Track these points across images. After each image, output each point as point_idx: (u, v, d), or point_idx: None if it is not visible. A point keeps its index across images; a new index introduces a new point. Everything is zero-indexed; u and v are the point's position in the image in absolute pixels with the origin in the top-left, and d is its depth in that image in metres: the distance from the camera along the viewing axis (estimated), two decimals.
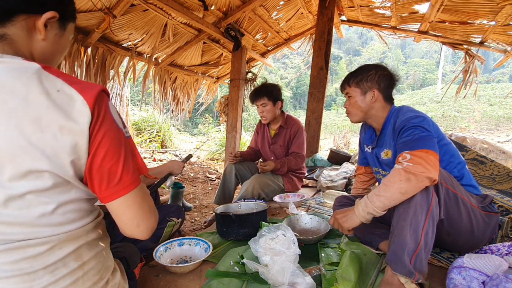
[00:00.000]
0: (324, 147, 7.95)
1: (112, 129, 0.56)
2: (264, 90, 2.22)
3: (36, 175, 0.50)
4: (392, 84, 1.33)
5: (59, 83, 0.51)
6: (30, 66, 0.51)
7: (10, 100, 0.47)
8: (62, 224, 0.56)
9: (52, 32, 0.60)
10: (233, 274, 1.12)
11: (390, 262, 0.99)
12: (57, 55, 0.65)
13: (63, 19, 0.61)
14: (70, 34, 0.67)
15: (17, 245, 0.51)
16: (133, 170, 0.59)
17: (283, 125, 2.32)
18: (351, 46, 42.49)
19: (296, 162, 2.29)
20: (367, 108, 1.34)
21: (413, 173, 0.97)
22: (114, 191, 0.57)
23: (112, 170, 0.56)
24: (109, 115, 0.56)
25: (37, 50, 0.59)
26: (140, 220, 0.61)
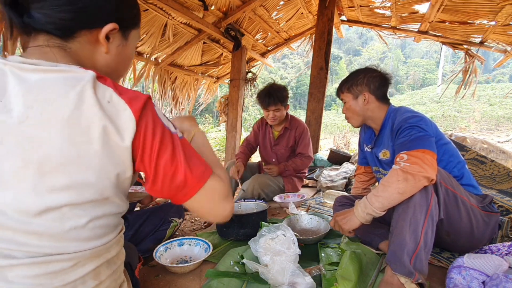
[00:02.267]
0: (324, 147, 7.95)
1: (165, 137, 0.54)
2: (280, 95, 2.15)
3: (79, 187, 0.48)
4: (384, 84, 1.34)
5: (109, 93, 0.50)
6: (85, 75, 0.50)
7: (63, 109, 0.46)
8: (90, 240, 0.53)
9: (114, 43, 0.59)
10: (233, 274, 1.12)
11: (390, 262, 0.99)
12: (121, 66, 0.64)
13: (125, 28, 0.60)
14: (134, 42, 0.65)
15: (42, 259, 0.49)
16: (196, 167, 0.57)
17: (288, 126, 2.30)
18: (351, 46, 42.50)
19: (303, 162, 2.29)
20: (362, 111, 1.36)
21: (410, 173, 0.98)
22: (185, 193, 0.57)
23: (175, 177, 0.55)
24: (159, 122, 0.54)
25: (100, 63, 0.59)
26: (218, 209, 0.61)
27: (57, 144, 0.46)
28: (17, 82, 0.47)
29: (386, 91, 1.36)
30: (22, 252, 0.48)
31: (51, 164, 0.46)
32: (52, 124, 0.46)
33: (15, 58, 0.50)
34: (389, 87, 1.37)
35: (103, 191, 0.51)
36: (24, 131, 0.45)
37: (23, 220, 0.47)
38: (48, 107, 0.46)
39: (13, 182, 0.45)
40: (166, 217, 1.45)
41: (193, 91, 4.95)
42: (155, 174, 0.54)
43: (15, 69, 0.49)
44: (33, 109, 0.46)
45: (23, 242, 0.48)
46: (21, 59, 0.50)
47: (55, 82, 0.48)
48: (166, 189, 0.55)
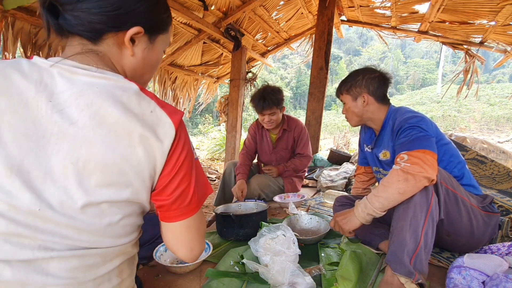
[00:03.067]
0: (324, 147, 7.95)
1: (190, 153, 0.58)
2: (274, 99, 2.08)
3: (119, 187, 0.51)
4: (383, 85, 1.33)
5: (153, 105, 0.54)
6: (131, 86, 0.54)
7: (112, 115, 0.50)
8: (120, 236, 0.56)
9: (140, 47, 0.60)
10: (233, 274, 1.12)
11: (390, 262, 0.99)
12: (148, 69, 0.65)
13: (151, 32, 0.61)
14: (162, 46, 0.66)
15: (79, 252, 0.51)
16: (200, 192, 0.61)
17: (286, 128, 2.27)
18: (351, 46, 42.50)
19: (302, 162, 2.27)
20: (361, 112, 1.36)
21: (410, 173, 0.98)
22: (182, 213, 0.59)
23: (185, 192, 0.58)
24: (188, 139, 0.59)
25: (128, 66, 0.61)
26: (195, 244, 0.63)
27: (103, 146, 0.49)
28: (67, 84, 0.50)
29: (386, 92, 1.36)
30: (63, 244, 0.50)
31: (96, 163, 0.49)
32: (101, 128, 0.49)
33: (63, 61, 0.53)
34: (389, 87, 1.36)
35: (138, 192, 0.54)
36: (75, 132, 0.48)
37: (67, 214, 0.49)
38: (98, 112, 0.49)
39: (61, 178, 0.48)
40: None
41: (193, 91, 4.95)
42: (169, 182, 0.56)
43: (65, 72, 0.51)
44: (84, 112, 0.49)
45: (65, 235, 0.49)
46: (71, 63, 0.53)
47: (104, 89, 0.51)
48: (170, 201, 0.57)
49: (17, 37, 2.50)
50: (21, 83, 0.48)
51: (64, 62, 0.52)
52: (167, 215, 0.59)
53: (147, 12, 0.58)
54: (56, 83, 0.50)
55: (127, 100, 0.51)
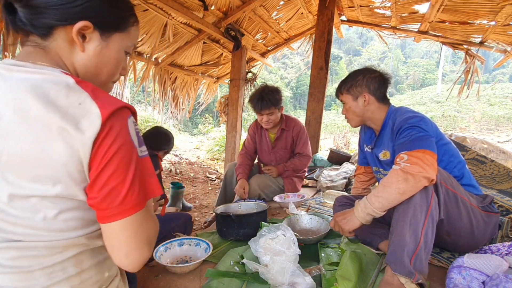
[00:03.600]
0: (324, 147, 7.95)
1: (126, 147, 0.53)
2: (272, 99, 2.09)
3: (46, 181, 0.51)
4: (383, 84, 1.34)
5: (83, 97, 0.52)
6: (65, 79, 0.53)
7: (34, 108, 0.49)
8: (63, 231, 0.54)
9: (92, 43, 0.59)
10: (233, 274, 1.12)
11: (390, 262, 0.99)
12: (102, 69, 0.63)
13: (103, 29, 0.60)
14: (121, 46, 0.64)
15: (17, 244, 0.52)
16: (139, 192, 0.55)
17: (285, 128, 2.27)
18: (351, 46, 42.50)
19: (301, 162, 2.27)
20: (361, 112, 1.36)
21: (410, 173, 0.98)
22: (114, 213, 0.53)
23: (117, 189, 0.53)
24: (126, 132, 0.54)
25: (79, 63, 0.60)
26: (130, 250, 0.56)
27: (26, 140, 0.49)
28: (2, 81, 0.52)
29: (386, 91, 1.36)
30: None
31: (20, 157, 0.49)
32: (24, 122, 0.49)
33: (9, 61, 0.54)
34: (389, 87, 1.37)
35: (68, 187, 0.52)
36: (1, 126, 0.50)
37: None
38: (22, 106, 0.50)
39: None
40: (169, 231, 1.42)
41: (193, 91, 4.95)
42: (96, 178, 0.52)
43: (4, 70, 0.53)
44: (9, 107, 0.50)
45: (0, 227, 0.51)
46: (13, 62, 0.54)
47: (33, 83, 0.51)
48: (99, 199, 0.53)
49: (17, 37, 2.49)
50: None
51: (4, 61, 0.54)
52: (99, 215, 0.54)
53: (97, 7, 0.57)
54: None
55: (54, 93, 0.50)
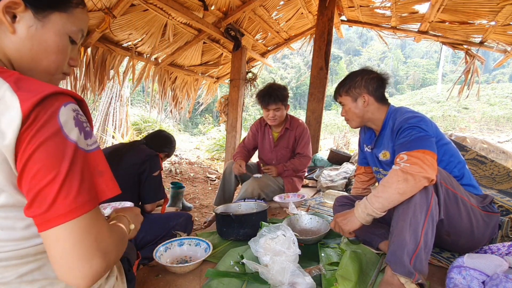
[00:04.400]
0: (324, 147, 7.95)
1: (53, 139, 0.44)
2: (280, 95, 2.13)
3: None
4: (382, 85, 1.34)
5: (4, 89, 0.44)
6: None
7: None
8: (28, 238, 0.49)
9: (24, 24, 0.52)
10: (233, 274, 1.12)
11: (390, 263, 0.99)
12: (41, 55, 0.55)
13: (36, 7, 0.52)
14: (62, 28, 0.55)
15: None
16: (79, 193, 0.46)
17: (288, 127, 2.29)
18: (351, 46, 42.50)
19: (301, 162, 2.28)
20: (361, 113, 1.36)
21: (410, 174, 0.98)
22: (45, 219, 0.44)
23: (45, 191, 0.44)
24: (54, 122, 0.45)
25: (10, 47, 0.52)
26: (73, 262, 0.45)
27: None
28: None
29: (384, 92, 1.36)
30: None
31: None
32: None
33: None
34: (389, 87, 1.37)
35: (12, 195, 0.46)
36: None
37: None
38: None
39: None
40: (170, 229, 1.42)
41: (193, 91, 4.95)
42: (20, 176, 0.45)
43: None
44: None
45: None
46: None
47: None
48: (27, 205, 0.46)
49: None
50: None
51: None
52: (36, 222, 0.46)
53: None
54: None
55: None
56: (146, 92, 4.26)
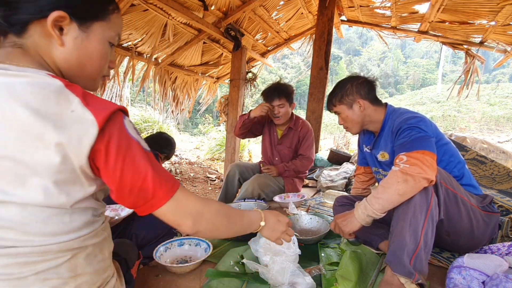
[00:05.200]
0: (324, 147, 7.96)
1: (133, 149, 0.54)
2: (284, 91, 2.14)
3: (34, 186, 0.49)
4: (372, 87, 1.35)
5: (75, 103, 0.50)
6: (52, 82, 0.50)
7: (22, 116, 0.47)
8: (56, 234, 0.53)
9: (70, 35, 0.56)
10: (233, 274, 1.12)
11: (390, 263, 0.99)
12: (88, 61, 0.60)
13: (80, 19, 0.57)
14: (104, 36, 0.61)
15: (7, 251, 0.50)
16: (166, 182, 0.58)
17: (292, 127, 2.28)
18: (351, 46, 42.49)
19: (303, 164, 2.27)
20: (360, 118, 1.36)
21: (410, 174, 0.98)
22: (150, 206, 0.57)
23: (143, 188, 0.55)
24: (125, 134, 0.54)
25: (59, 58, 0.57)
26: (178, 222, 0.62)
27: (10, 145, 0.47)
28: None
29: (376, 94, 1.37)
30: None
31: (6, 163, 0.47)
32: (9, 130, 0.47)
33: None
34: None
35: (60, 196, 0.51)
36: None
37: None
38: (7, 113, 0.47)
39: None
40: (171, 228, 1.42)
41: (193, 91, 4.95)
42: (120, 184, 0.54)
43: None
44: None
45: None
46: None
47: (18, 88, 0.48)
48: (132, 200, 0.56)
49: None
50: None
51: None
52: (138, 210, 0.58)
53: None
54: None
55: (42, 99, 0.48)
56: (147, 93, 4.26)
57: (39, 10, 0.53)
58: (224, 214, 0.70)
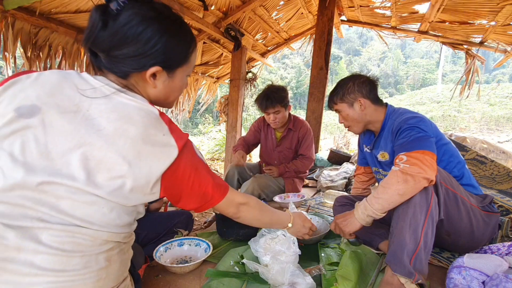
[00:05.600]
0: (324, 147, 7.95)
1: (199, 165, 0.72)
2: (277, 97, 2.07)
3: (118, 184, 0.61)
4: (373, 87, 1.35)
5: (165, 129, 0.66)
6: (153, 110, 0.66)
7: (131, 130, 0.61)
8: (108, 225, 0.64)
9: (160, 80, 0.72)
10: (233, 274, 1.12)
11: (390, 263, 0.99)
12: (170, 95, 0.78)
13: (169, 68, 0.72)
14: (184, 74, 0.77)
15: (71, 228, 0.59)
16: (220, 186, 0.78)
17: (292, 127, 2.26)
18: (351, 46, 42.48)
19: (303, 164, 2.26)
20: (361, 117, 1.36)
21: (410, 174, 0.98)
22: (209, 205, 0.77)
23: (206, 193, 0.74)
24: (195, 156, 0.72)
25: (152, 94, 0.74)
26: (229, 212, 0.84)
27: (116, 153, 0.60)
28: (104, 100, 0.63)
29: (377, 94, 1.37)
30: (57, 218, 0.59)
31: (106, 164, 0.60)
32: (120, 139, 0.60)
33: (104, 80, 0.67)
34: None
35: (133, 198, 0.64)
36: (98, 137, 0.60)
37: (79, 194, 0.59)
38: (122, 126, 0.61)
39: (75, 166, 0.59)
40: (171, 227, 1.42)
41: (193, 91, 4.95)
42: (190, 191, 0.71)
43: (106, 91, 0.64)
44: (111, 124, 0.61)
45: (61, 210, 0.59)
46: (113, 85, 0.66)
47: (132, 109, 0.64)
48: (197, 202, 0.74)
49: (17, 37, 2.49)
50: (70, 92, 0.62)
51: (99, 79, 0.67)
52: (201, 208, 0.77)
53: (163, 53, 0.68)
54: (95, 99, 0.63)
55: (147, 121, 0.63)
56: None
57: (141, 66, 0.68)
58: (259, 208, 0.92)
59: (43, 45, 2.76)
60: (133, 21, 0.64)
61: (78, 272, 0.60)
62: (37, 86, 0.62)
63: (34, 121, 0.58)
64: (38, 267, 0.56)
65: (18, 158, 0.57)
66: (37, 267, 0.56)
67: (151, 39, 0.66)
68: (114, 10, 0.64)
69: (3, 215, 0.57)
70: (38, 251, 0.57)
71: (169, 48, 0.69)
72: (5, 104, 0.60)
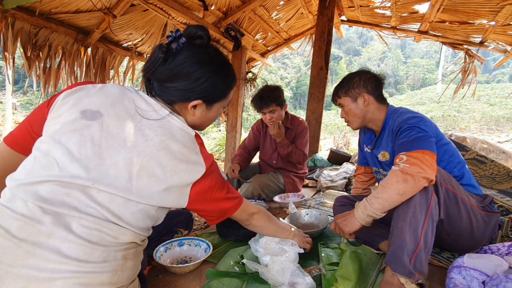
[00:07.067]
0: (324, 147, 7.95)
1: (220, 183, 0.83)
2: (271, 96, 2.06)
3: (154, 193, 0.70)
4: (379, 85, 1.35)
5: (198, 149, 0.77)
6: (191, 132, 0.77)
7: (173, 145, 0.72)
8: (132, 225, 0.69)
9: (199, 110, 0.85)
10: (233, 274, 1.12)
11: (390, 263, 0.99)
12: (204, 123, 0.90)
13: (209, 102, 0.85)
14: (219, 107, 0.90)
15: (100, 221, 0.64)
16: (231, 200, 0.88)
17: (290, 126, 2.26)
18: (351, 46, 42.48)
19: (298, 154, 2.21)
20: (362, 113, 1.35)
21: (409, 174, 0.97)
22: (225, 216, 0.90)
23: (224, 206, 0.87)
24: (219, 174, 0.83)
25: (189, 120, 0.85)
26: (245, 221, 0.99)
27: (157, 162, 0.70)
28: (154, 115, 0.75)
29: (382, 92, 1.37)
30: (92, 209, 0.64)
31: (147, 171, 0.69)
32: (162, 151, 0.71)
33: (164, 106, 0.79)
34: (389, 87, 1.38)
35: (162, 203, 0.72)
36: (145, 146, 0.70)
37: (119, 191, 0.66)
38: (166, 141, 0.72)
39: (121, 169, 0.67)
40: (172, 226, 1.42)
41: None
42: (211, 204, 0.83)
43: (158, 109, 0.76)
44: (158, 137, 0.71)
45: (99, 202, 0.65)
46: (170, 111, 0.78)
47: (175, 127, 0.75)
48: (216, 213, 0.87)
49: (17, 37, 2.50)
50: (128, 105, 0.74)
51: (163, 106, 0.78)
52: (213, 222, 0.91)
53: (207, 91, 0.81)
54: (148, 113, 0.74)
55: (185, 140, 0.75)
56: None
57: (186, 98, 0.81)
58: (267, 217, 1.07)
59: (43, 45, 2.76)
60: (188, 62, 0.77)
61: (99, 265, 0.63)
62: (102, 96, 0.73)
63: (94, 124, 0.68)
64: (63, 255, 0.59)
65: (75, 154, 0.65)
66: (62, 255, 0.59)
67: (200, 78, 0.79)
68: (174, 49, 0.77)
69: (45, 200, 0.62)
70: (66, 239, 0.60)
71: (213, 87, 0.82)
72: (71, 104, 0.70)
